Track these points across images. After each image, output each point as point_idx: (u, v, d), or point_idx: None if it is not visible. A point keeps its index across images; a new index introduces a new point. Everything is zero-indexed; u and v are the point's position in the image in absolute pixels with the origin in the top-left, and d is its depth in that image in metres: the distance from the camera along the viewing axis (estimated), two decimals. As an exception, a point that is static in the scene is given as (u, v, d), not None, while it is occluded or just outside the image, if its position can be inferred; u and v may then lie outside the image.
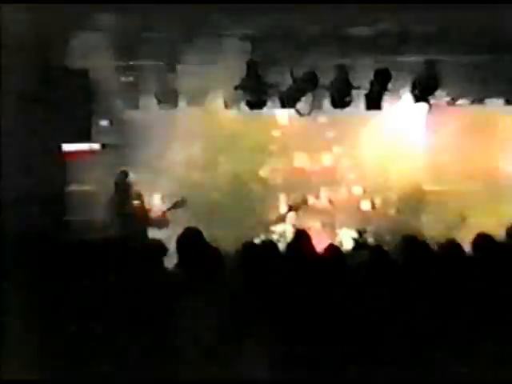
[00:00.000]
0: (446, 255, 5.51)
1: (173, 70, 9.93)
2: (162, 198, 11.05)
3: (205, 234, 5.84)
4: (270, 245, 5.81)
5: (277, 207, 11.78)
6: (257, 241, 9.20)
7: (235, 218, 11.16)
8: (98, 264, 5.06)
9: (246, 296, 5.00)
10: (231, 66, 9.59)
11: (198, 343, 4.70)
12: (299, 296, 5.04)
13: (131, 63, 9.95)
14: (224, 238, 9.33)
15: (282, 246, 6.08)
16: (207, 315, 4.78)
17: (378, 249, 5.86)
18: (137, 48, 9.56)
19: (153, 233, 9.66)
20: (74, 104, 9.56)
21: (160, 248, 5.63)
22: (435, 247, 5.61)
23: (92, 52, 9.05)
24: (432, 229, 10.19)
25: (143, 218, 9.81)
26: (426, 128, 11.74)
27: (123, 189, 9.87)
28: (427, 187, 11.65)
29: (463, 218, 11.13)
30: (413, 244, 5.63)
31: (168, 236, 7.91)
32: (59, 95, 9.32)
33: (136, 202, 9.90)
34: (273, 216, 11.61)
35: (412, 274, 5.26)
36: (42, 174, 9.23)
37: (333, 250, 5.70)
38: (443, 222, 10.79)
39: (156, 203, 10.96)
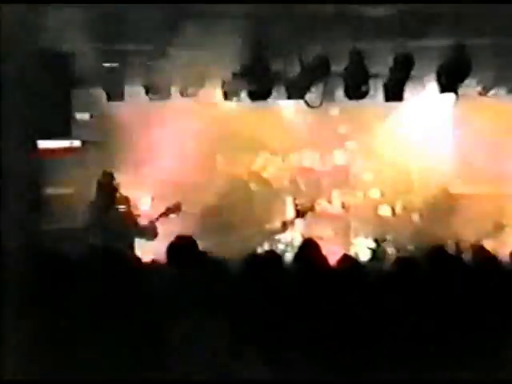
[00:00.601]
0: (479, 268, 5.45)
1: (163, 55, 9.72)
2: (152, 203, 10.98)
3: (200, 242, 5.99)
4: (274, 256, 5.68)
5: (282, 212, 11.71)
6: (260, 251, 9.15)
7: (235, 225, 11.18)
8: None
9: (246, 313, 4.91)
10: (231, 51, 9.36)
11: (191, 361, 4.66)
12: (307, 315, 4.93)
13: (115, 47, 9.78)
14: (222, 247, 9.32)
15: (288, 257, 6.02)
16: (203, 332, 4.72)
17: (399, 261, 5.74)
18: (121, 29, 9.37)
19: (140, 243, 9.54)
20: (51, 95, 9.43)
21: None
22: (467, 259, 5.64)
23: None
24: (462, 238, 10.18)
25: (130, 226, 9.65)
26: (453, 122, 11.67)
27: (107, 192, 9.71)
28: (455, 190, 11.65)
29: (499, 226, 11.11)
30: (441, 256, 5.57)
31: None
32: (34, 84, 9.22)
33: (122, 207, 9.76)
34: (277, 222, 11.58)
35: (441, 290, 5.13)
36: (14, 174, 9.17)
37: (347, 261, 5.63)
38: (475, 230, 10.70)
39: (144, 208, 10.86)
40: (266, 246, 11.23)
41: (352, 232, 11.49)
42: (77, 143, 10.57)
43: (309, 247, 6.20)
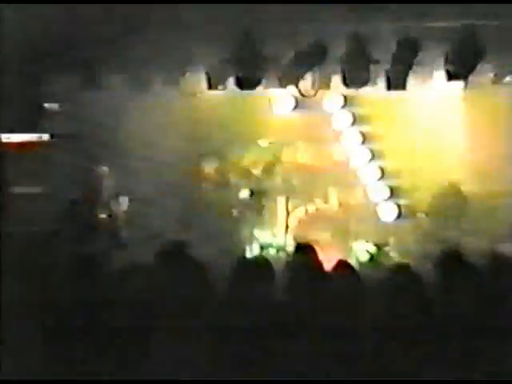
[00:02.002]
0: (494, 275, 5.78)
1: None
2: (130, 203, 11.06)
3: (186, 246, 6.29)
4: (264, 261, 5.76)
5: (274, 212, 11.67)
6: (249, 255, 9.19)
7: (222, 226, 11.16)
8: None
9: (237, 322, 5.22)
10: (217, 34, 9.53)
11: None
12: (300, 325, 5.13)
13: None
14: (209, 251, 9.35)
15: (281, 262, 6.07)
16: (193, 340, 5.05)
17: (403, 267, 5.97)
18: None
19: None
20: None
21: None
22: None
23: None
24: (474, 241, 10.18)
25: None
26: (464, 113, 11.61)
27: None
28: (467, 188, 11.55)
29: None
30: (452, 262, 5.89)
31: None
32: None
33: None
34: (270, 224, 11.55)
35: (452, 299, 5.38)
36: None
37: (344, 267, 5.91)
38: (489, 233, 10.71)
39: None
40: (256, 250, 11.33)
41: (351, 235, 11.38)
42: (45, 136, 10.66)
43: (304, 251, 6.30)
